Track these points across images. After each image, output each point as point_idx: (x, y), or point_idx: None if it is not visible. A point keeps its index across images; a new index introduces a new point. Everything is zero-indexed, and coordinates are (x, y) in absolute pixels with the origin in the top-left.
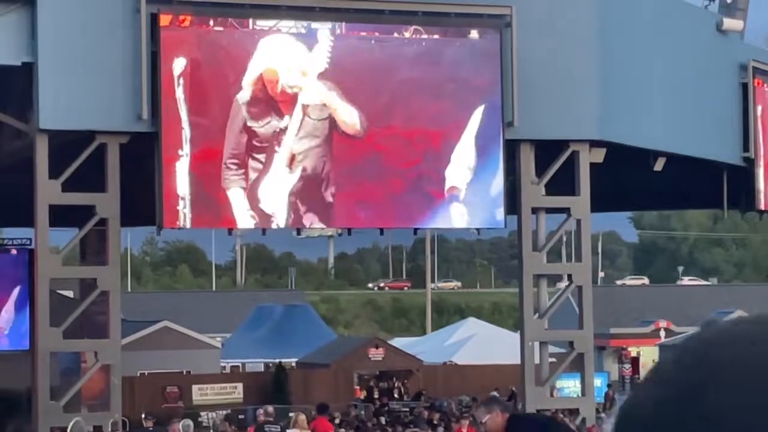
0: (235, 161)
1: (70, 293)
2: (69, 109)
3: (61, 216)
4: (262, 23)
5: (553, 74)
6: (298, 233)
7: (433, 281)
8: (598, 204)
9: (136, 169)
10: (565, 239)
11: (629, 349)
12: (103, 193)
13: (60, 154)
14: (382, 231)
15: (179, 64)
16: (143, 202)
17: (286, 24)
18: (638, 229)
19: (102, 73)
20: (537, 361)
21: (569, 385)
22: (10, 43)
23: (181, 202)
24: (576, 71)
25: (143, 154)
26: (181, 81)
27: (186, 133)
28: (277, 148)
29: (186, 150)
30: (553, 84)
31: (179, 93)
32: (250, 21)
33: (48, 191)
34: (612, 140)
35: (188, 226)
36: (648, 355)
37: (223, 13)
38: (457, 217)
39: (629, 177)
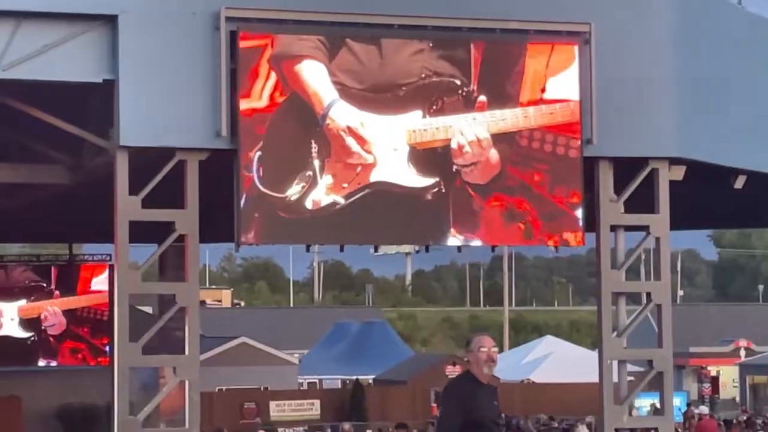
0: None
1: (148, 309)
2: (149, 125)
3: (139, 232)
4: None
5: (631, 91)
6: (376, 250)
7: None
8: (677, 222)
9: (215, 185)
10: (643, 257)
11: (709, 368)
12: (182, 209)
13: (140, 170)
14: (459, 248)
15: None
16: (221, 219)
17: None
18: (718, 248)
19: (182, 90)
20: (615, 379)
21: (648, 404)
22: (92, 61)
23: (256, 218)
24: (655, 88)
25: (222, 171)
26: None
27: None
28: None
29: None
30: (632, 101)
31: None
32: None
33: (128, 207)
34: (692, 157)
35: (266, 242)
36: (728, 375)
37: (304, 31)
38: None
39: (709, 194)
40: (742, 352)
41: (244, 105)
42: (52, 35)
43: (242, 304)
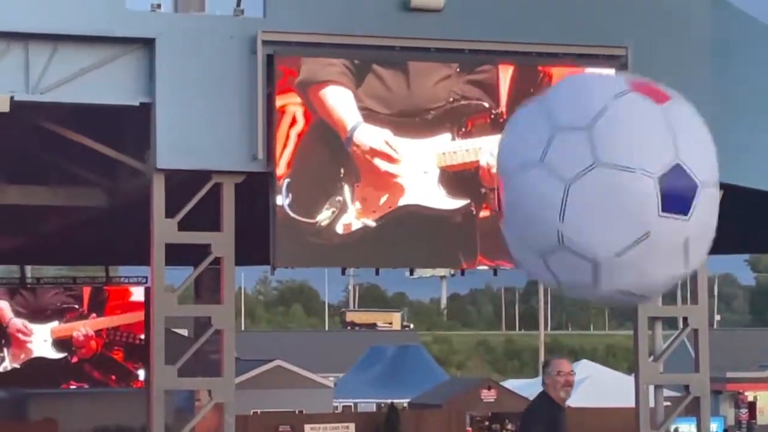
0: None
1: (183, 331)
2: (185, 148)
3: (173, 254)
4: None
5: None
6: (412, 273)
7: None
8: (714, 246)
9: (251, 208)
10: (680, 282)
11: (746, 393)
12: (218, 232)
13: (176, 193)
14: (495, 272)
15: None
16: (257, 242)
17: None
18: (755, 272)
19: (218, 113)
20: (652, 404)
21: (684, 430)
22: (129, 84)
23: (290, 242)
24: None
25: (258, 194)
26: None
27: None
28: None
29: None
30: None
31: (293, 134)
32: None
33: (164, 230)
34: (729, 182)
35: (299, 266)
36: (765, 400)
37: (336, 55)
38: None
39: (746, 219)
40: None
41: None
42: (89, 58)
43: (411, 326)
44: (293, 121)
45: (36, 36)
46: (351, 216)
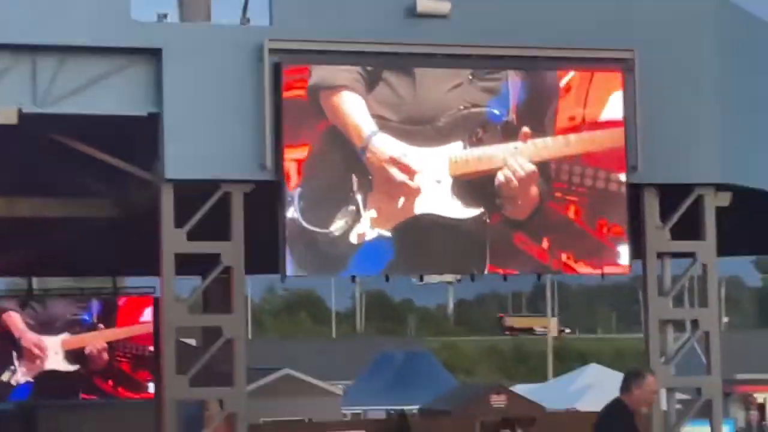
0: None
1: (191, 341)
2: (194, 158)
3: (181, 264)
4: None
5: (675, 117)
6: (421, 279)
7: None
8: (721, 248)
9: (258, 216)
10: (687, 285)
11: (756, 395)
12: (227, 241)
13: (184, 203)
14: (505, 277)
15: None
16: (264, 250)
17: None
18: (762, 273)
19: (226, 123)
20: (664, 407)
21: None
22: (136, 94)
23: (300, 251)
24: (699, 114)
25: (265, 202)
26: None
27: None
28: None
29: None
30: (676, 127)
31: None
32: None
33: (173, 240)
34: (735, 183)
35: (311, 274)
36: None
37: (343, 62)
38: None
39: (753, 220)
40: None
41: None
42: (96, 69)
43: (567, 330)
44: (304, 128)
45: (43, 48)
46: (365, 226)
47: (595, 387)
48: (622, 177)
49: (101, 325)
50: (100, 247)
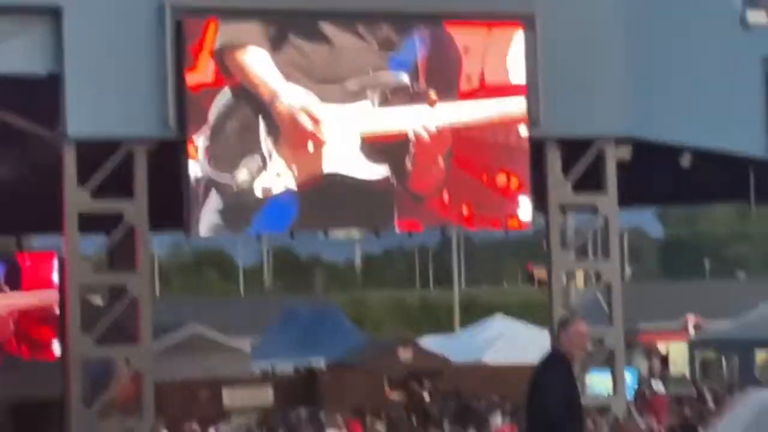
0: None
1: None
2: (96, 117)
3: (86, 222)
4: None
5: (577, 72)
6: (326, 235)
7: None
8: (623, 199)
9: (164, 174)
10: (591, 237)
11: (658, 345)
12: (130, 199)
13: (88, 162)
14: (410, 233)
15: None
16: (170, 208)
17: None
18: (664, 226)
19: (128, 81)
20: None
21: (600, 382)
22: (36, 54)
23: (209, 210)
24: (600, 69)
25: (170, 160)
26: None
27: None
28: None
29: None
30: (578, 82)
31: (208, 99)
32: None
33: (77, 199)
34: (638, 136)
35: (218, 234)
36: (677, 352)
37: (248, 20)
38: None
39: (654, 172)
40: (691, 329)
41: (191, 80)
42: None
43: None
44: (208, 86)
45: None
46: (271, 179)
47: (500, 338)
48: (524, 131)
49: (6, 287)
50: (2, 206)
